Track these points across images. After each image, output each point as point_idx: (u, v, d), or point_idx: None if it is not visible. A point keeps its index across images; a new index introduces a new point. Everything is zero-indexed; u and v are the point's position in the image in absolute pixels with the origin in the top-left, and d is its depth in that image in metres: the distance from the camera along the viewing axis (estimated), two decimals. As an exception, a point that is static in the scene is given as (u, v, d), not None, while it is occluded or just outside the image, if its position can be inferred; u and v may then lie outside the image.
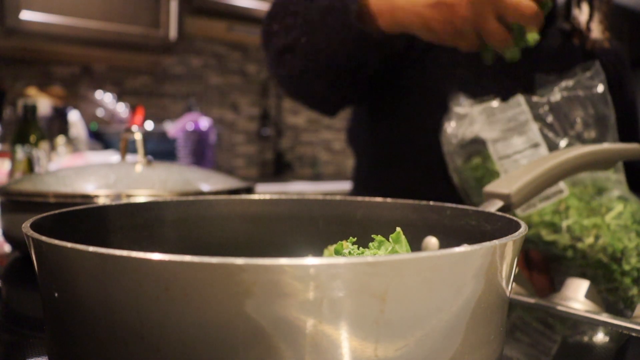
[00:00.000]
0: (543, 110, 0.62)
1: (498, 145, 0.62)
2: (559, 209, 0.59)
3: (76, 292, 0.25)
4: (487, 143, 0.62)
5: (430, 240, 0.42)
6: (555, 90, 0.63)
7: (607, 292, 0.57)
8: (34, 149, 1.26)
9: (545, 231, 0.59)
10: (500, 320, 0.29)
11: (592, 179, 0.60)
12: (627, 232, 0.57)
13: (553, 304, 0.50)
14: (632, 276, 0.56)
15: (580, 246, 0.57)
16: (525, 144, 0.61)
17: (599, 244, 0.57)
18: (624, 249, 0.56)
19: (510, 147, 0.61)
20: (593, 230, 0.57)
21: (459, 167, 0.66)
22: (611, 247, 0.56)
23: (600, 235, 0.57)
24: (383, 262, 0.23)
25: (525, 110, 0.62)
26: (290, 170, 3.07)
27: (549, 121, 0.62)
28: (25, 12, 2.03)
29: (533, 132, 0.61)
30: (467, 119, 0.65)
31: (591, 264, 0.57)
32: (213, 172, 0.71)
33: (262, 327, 0.22)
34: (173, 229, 0.44)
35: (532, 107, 0.62)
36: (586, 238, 0.57)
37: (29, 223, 0.30)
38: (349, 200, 0.47)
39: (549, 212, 0.59)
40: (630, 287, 0.56)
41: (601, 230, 0.57)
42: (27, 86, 2.28)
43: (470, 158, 0.65)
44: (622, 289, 0.56)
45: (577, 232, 0.58)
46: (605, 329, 0.44)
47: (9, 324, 0.46)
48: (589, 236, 0.57)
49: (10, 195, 0.62)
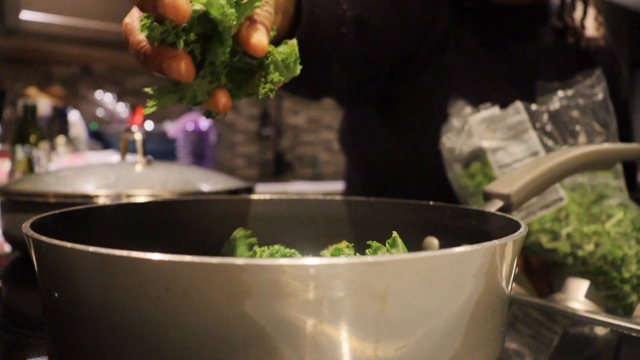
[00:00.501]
0: (542, 118, 0.62)
1: (498, 155, 0.62)
2: (559, 217, 0.59)
3: (76, 292, 0.25)
4: (487, 152, 0.62)
5: (430, 241, 0.42)
6: (554, 98, 0.63)
7: (606, 298, 0.58)
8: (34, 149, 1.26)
9: (546, 238, 0.59)
10: (500, 320, 0.29)
11: (592, 186, 0.60)
12: (627, 240, 0.57)
13: (553, 304, 0.50)
14: (632, 283, 0.56)
15: (580, 253, 0.57)
16: (524, 152, 0.61)
17: (599, 251, 0.57)
18: (624, 257, 0.56)
19: (510, 155, 0.61)
20: (593, 237, 0.57)
21: (458, 175, 0.66)
22: (611, 254, 0.56)
23: (600, 243, 0.57)
24: (383, 262, 0.23)
25: (525, 119, 0.62)
26: (290, 170, 3.07)
27: (549, 129, 0.62)
28: (25, 12, 2.03)
29: (532, 141, 0.61)
30: (466, 129, 0.64)
31: (591, 271, 0.57)
32: (213, 172, 0.71)
33: (262, 327, 0.22)
34: (173, 229, 0.44)
35: (532, 115, 0.62)
36: (586, 245, 0.57)
37: (29, 223, 0.30)
38: (349, 200, 0.47)
39: (549, 220, 0.59)
40: (629, 294, 0.56)
41: (601, 238, 0.57)
42: (27, 86, 2.28)
43: (469, 166, 0.65)
44: (621, 295, 0.57)
45: (577, 240, 0.58)
46: (605, 329, 0.44)
47: (9, 324, 0.46)
48: (589, 243, 0.57)
49: (10, 195, 0.62)
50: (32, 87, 2.25)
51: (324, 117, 3.25)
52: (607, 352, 0.43)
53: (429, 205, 0.43)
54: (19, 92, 2.24)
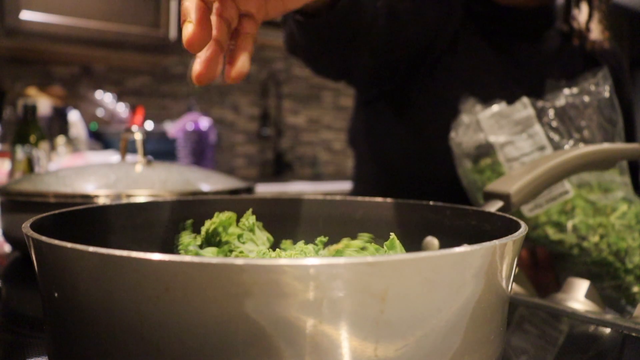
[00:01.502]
0: (549, 114, 0.64)
1: (506, 149, 0.64)
2: (565, 209, 0.61)
3: (76, 292, 0.25)
4: (496, 147, 0.64)
5: (430, 241, 0.42)
6: (560, 95, 0.65)
7: (611, 289, 0.60)
8: (34, 149, 1.26)
9: (552, 230, 0.61)
10: (500, 320, 0.29)
11: (598, 181, 0.61)
12: (631, 232, 0.59)
13: (553, 304, 0.50)
14: (635, 274, 0.58)
15: (586, 245, 0.59)
16: (532, 147, 0.63)
17: (604, 242, 0.59)
18: (628, 248, 0.58)
19: (517, 150, 0.63)
20: (598, 229, 0.59)
21: (467, 170, 0.67)
22: (615, 245, 0.58)
23: (605, 235, 0.59)
24: (383, 262, 0.23)
25: (532, 114, 0.63)
26: (290, 170, 3.07)
27: (554, 125, 0.64)
28: (25, 12, 2.03)
29: (539, 136, 0.63)
30: (474, 125, 0.66)
31: (596, 261, 0.59)
32: (213, 172, 0.71)
33: (262, 327, 0.22)
34: (173, 229, 0.44)
35: (538, 111, 0.64)
36: (591, 237, 0.59)
37: (29, 223, 0.30)
38: (349, 200, 0.47)
39: (555, 212, 0.61)
40: (633, 283, 0.58)
41: (606, 230, 0.59)
42: (27, 86, 2.28)
43: (478, 162, 0.66)
44: (624, 286, 0.58)
45: (583, 231, 0.59)
46: (605, 329, 0.44)
47: (9, 324, 0.46)
48: (594, 235, 0.59)
49: (10, 195, 0.62)
50: (32, 87, 2.25)
51: (324, 117, 3.25)
52: (607, 352, 0.43)
53: (429, 205, 0.43)
54: (19, 92, 2.24)
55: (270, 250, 0.39)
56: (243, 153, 3.04)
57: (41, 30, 2.07)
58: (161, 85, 2.76)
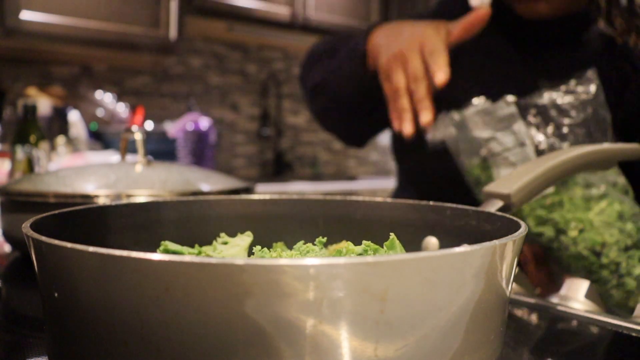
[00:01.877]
0: (531, 112, 0.66)
1: (490, 144, 0.66)
2: (546, 203, 0.62)
3: (76, 292, 0.25)
4: (481, 142, 0.66)
5: (430, 240, 0.42)
6: (544, 94, 0.66)
7: None
8: (34, 149, 1.26)
9: (533, 223, 0.62)
10: (500, 320, 0.29)
11: (582, 176, 0.62)
12: (609, 228, 0.60)
13: (553, 304, 0.50)
14: (610, 269, 0.59)
15: (564, 239, 0.60)
16: (514, 142, 0.65)
17: (582, 237, 0.60)
18: (604, 243, 0.59)
19: (500, 145, 0.65)
20: (578, 224, 0.60)
21: (467, 167, 0.68)
22: (592, 240, 0.59)
23: (584, 229, 0.60)
24: (383, 262, 0.23)
25: (514, 112, 0.65)
26: (290, 170, 3.07)
27: (536, 122, 0.66)
28: (25, 12, 2.03)
29: (521, 132, 0.64)
30: (464, 122, 0.67)
31: (573, 255, 0.60)
32: (213, 172, 0.71)
33: (262, 327, 0.22)
34: (173, 229, 0.44)
35: (521, 108, 0.66)
36: (570, 231, 0.60)
37: (29, 223, 0.30)
38: (349, 200, 0.47)
39: (537, 206, 0.62)
40: (608, 279, 0.59)
41: (585, 225, 0.60)
42: (27, 86, 2.28)
43: (472, 158, 0.67)
44: (601, 281, 0.60)
45: (562, 225, 0.61)
46: (605, 329, 0.44)
47: (9, 324, 0.46)
48: (574, 229, 0.60)
49: (10, 195, 0.62)
50: (32, 87, 2.25)
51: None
52: (607, 352, 0.43)
53: (429, 205, 0.43)
54: (19, 92, 2.24)
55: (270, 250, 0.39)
56: (243, 153, 3.04)
57: (41, 30, 2.07)
58: (161, 85, 2.76)
